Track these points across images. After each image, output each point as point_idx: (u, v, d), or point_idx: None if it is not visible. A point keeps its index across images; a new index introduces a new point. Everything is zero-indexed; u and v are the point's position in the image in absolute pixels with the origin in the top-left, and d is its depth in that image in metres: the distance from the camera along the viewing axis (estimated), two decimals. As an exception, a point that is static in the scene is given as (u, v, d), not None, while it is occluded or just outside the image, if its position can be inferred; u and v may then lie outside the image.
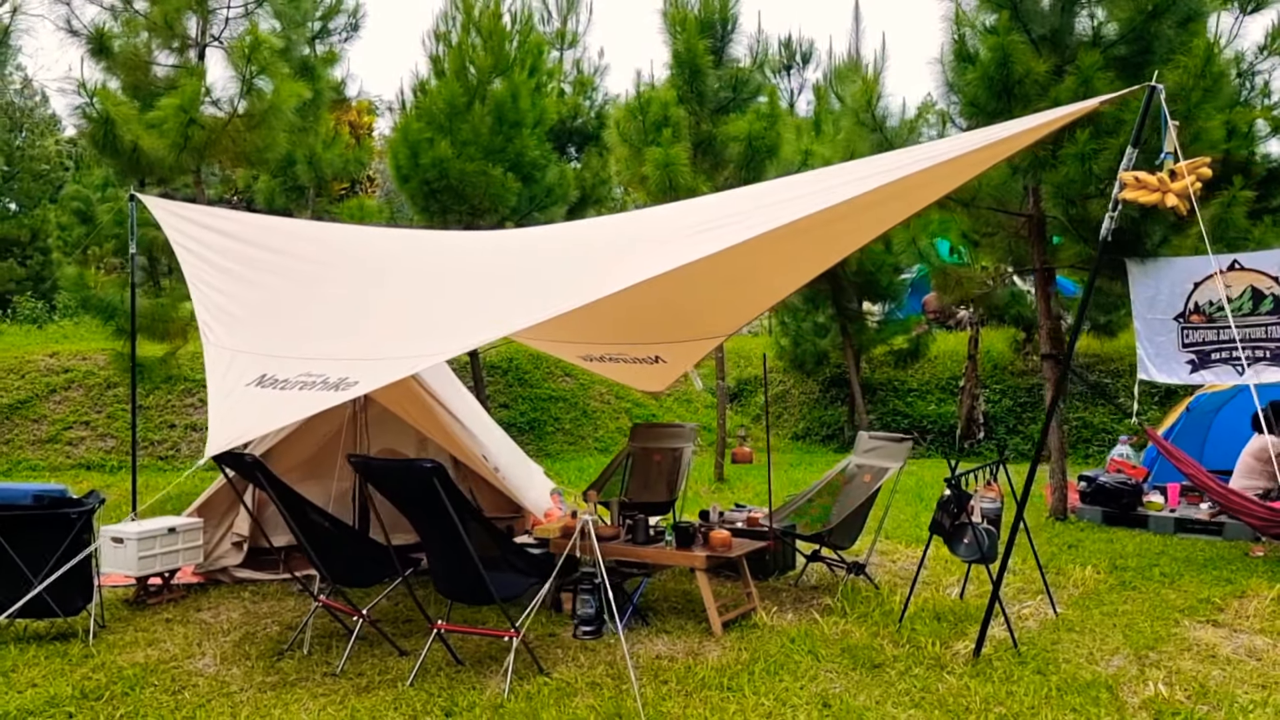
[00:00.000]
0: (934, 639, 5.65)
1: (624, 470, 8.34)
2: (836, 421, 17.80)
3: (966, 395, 16.59)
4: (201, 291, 6.53)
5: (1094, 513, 9.19)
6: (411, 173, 12.84)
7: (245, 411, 5.29)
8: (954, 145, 5.16)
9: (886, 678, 5.08)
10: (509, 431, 15.36)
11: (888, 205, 5.88)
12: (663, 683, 5.01)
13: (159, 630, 6.03)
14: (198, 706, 4.76)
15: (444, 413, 7.55)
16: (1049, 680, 5.01)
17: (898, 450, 6.81)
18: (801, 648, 5.53)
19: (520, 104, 13.17)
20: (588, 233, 7.04)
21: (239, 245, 6.91)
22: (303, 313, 6.29)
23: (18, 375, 14.83)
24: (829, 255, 6.52)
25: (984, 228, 9.07)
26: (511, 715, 4.58)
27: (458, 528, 4.54)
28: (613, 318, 7.76)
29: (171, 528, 6.78)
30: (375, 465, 4.91)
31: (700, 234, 5.59)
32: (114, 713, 4.68)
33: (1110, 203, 4.99)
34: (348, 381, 5.00)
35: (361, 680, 5.11)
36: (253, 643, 5.79)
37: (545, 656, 5.39)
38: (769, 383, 19.86)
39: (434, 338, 5.53)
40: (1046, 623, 6.09)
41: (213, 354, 5.90)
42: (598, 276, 5.49)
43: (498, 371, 16.42)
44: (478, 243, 7.67)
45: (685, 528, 6.16)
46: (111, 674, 5.18)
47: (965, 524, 5.73)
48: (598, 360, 8.38)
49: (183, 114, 8.95)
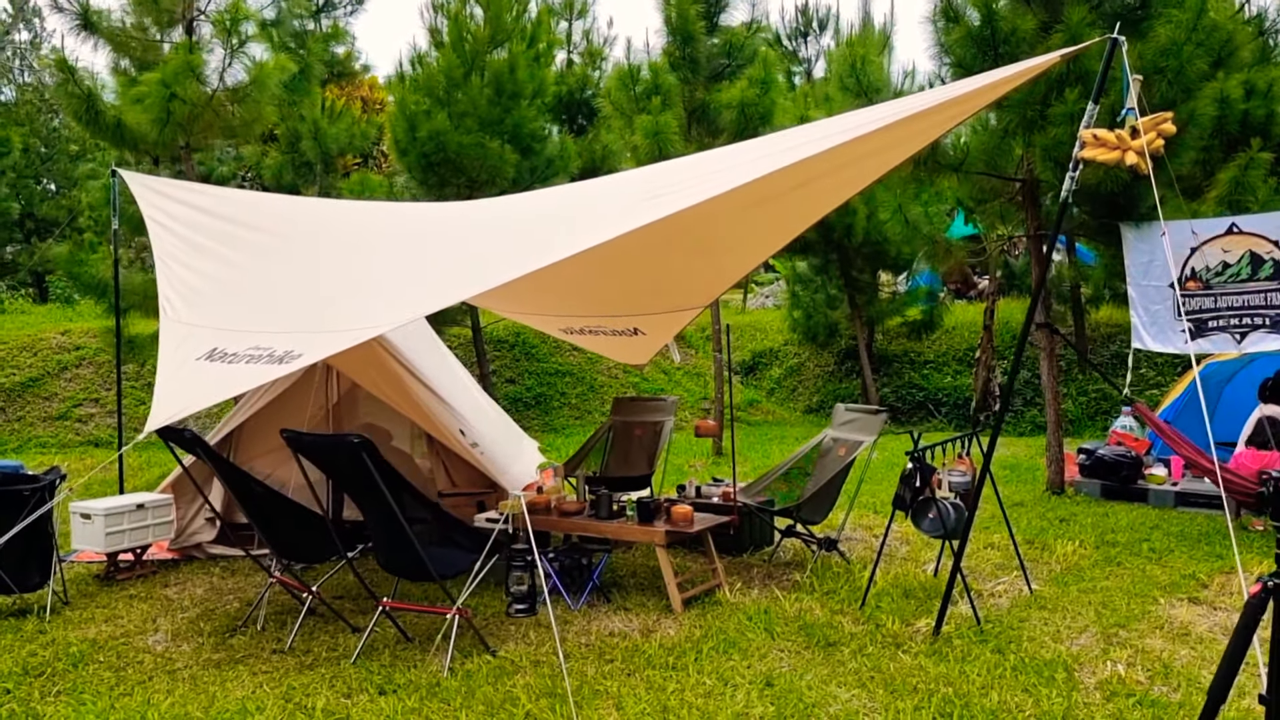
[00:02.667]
0: (897, 617, 5.49)
1: (605, 444, 8.23)
2: (850, 394, 17.54)
3: (982, 367, 16.27)
4: (168, 266, 6.47)
5: (1093, 486, 8.94)
6: (409, 146, 12.73)
7: (189, 386, 5.23)
8: (910, 104, 4.94)
9: (839, 656, 4.94)
10: (514, 406, 15.33)
11: (855, 166, 5.68)
12: (607, 661, 4.90)
13: (120, 606, 6.02)
14: (137, 683, 4.73)
15: (418, 387, 7.47)
16: (1006, 659, 4.84)
17: (872, 423, 6.63)
18: (758, 625, 5.40)
19: (519, 75, 13.00)
20: (544, 202, 6.89)
21: (211, 220, 6.85)
22: (262, 286, 6.22)
23: (30, 353, 15.00)
24: (796, 221, 6.32)
25: (978, 194, 8.79)
26: (446, 693, 4.50)
27: (390, 504, 4.45)
28: (589, 290, 7.64)
29: (140, 504, 6.77)
30: (307, 440, 4.83)
31: (655, 199, 5.43)
32: (51, 689, 4.66)
33: (1070, 163, 4.76)
34: (292, 354, 4.93)
35: (307, 657, 5.06)
36: (210, 619, 5.76)
37: (498, 634, 5.31)
38: (783, 356, 19.67)
39: (383, 308, 5.43)
40: (1019, 600, 5.90)
41: (167, 329, 5.85)
42: (543, 246, 5.34)
43: (504, 346, 16.36)
44: (451, 213, 7.55)
45: (647, 503, 6.03)
46: (59, 650, 5.17)
47: (929, 499, 5.55)
48: (578, 333, 8.25)
49: (164, 88, 8.87)
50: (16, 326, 16.50)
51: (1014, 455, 12.00)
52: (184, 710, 4.37)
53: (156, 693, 4.60)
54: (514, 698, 4.43)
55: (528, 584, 4.96)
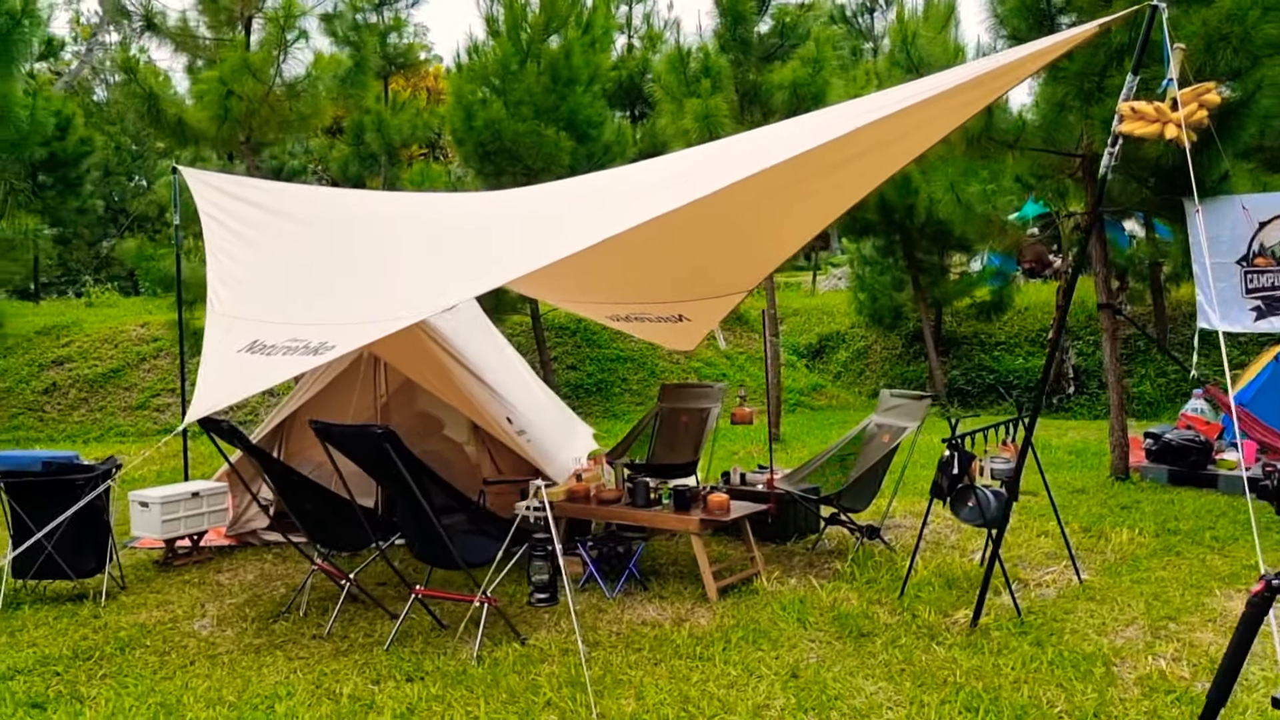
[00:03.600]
0: (935, 608, 5.37)
1: (651, 431, 8.21)
2: (918, 378, 17.23)
3: (1055, 348, 15.82)
4: (218, 259, 6.62)
5: (1159, 472, 8.62)
6: (466, 135, 12.82)
7: (229, 378, 5.36)
8: (943, 79, 4.79)
9: (870, 648, 4.84)
10: (575, 393, 15.40)
11: (894, 145, 5.53)
12: (635, 650, 4.89)
13: (172, 592, 6.21)
14: (179, 668, 4.86)
15: (465, 375, 7.53)
16: (1044, 652, 4.69)
17: (916, 409, 6.48)
18: (791, 615, 5.33)
19: (574, 61, 12.99)
20: (577, 189, 6.86)
21: (260, 213, 7.00)
22: (302, 278, 6.33)
23: (111, 345, 15.56)
24: (835, 203, 6.18)
25: (1037, 170, 8.50)
26: (471, 681, 4.54)
27: (414, 493, 4.49)
28: (632, 276, 7.61)
29: (195, 492, 6.97)
30: (335, 431, 4.90)
31: (685, 183, 5.37)
32: (97, 672, 4.82)
33: (1109, 138, 4.56)
34: (326, 345, 5.01)
35: (343, 643, 5.15)
36: (256, 604, 5.90)
37: (531, 622, 5.34)
38: (850, 339, 19.39)
39: (415, 298, 5.48)
40: (1067, 590, 5.72)
41: (213, 321, 6.01)
42: (573, 233, 5.32)
43: (565, 333, 16.43)
44: (489, 202, 7.59)
45: (683, 491, 5.99)
46: (109, 634, 5.34)
47: (969, 486, 5.40)
48: (623, 320, 8.24)
49: (221, 86, 9.08)
50: (100, 319, 17.11)
51: (1082, 440, 11.65)
52: (218, 694, 4.49)
53: (195, 677, 4.73)
54: (537, 686, 4.44)
55: (549, 573, 4.97)
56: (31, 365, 15.26)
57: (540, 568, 4.97)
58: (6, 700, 4.46)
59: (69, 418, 14.41)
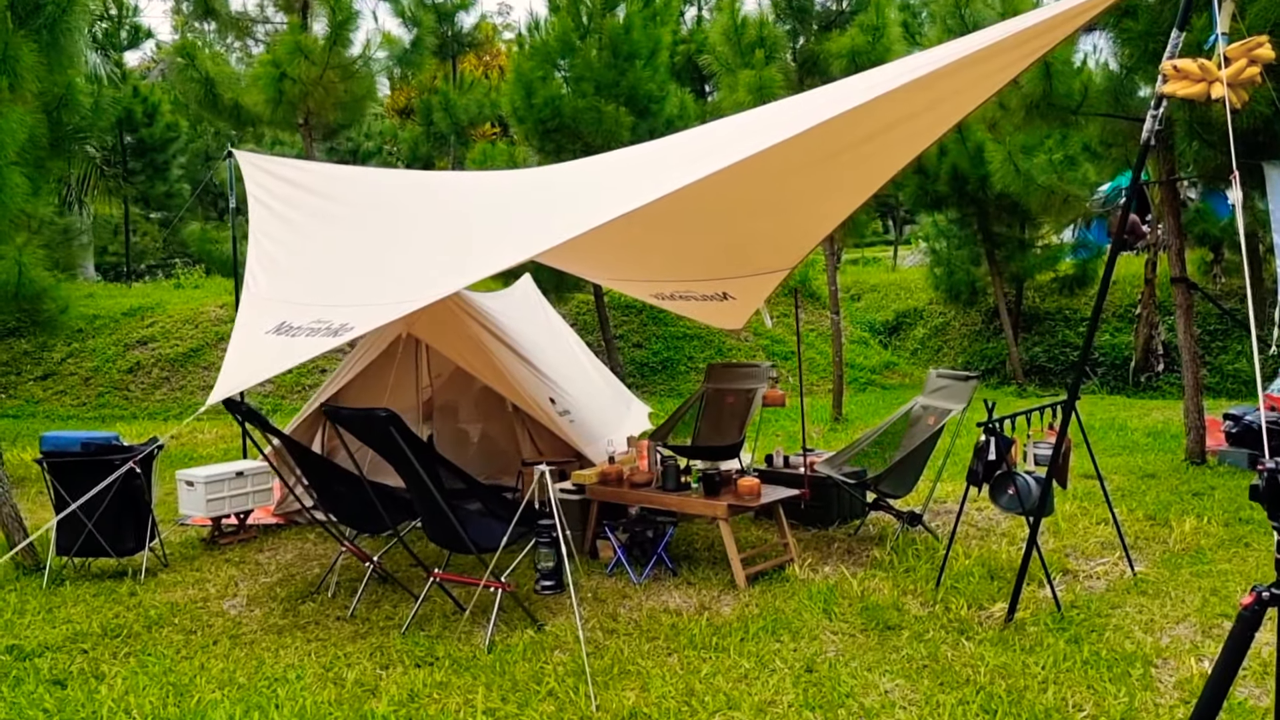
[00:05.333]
0: (972, 600, 5.12)
1: (696, 412, 8.05)
2: (997, 355, 16.66)
3: (1144, 324, 15.10)
4: (258, 241, 6.67)
5: (1239, 456, 8.12)
6: (526, 113, 12.76)
7: (253, 359, 5.39)
8: (975, 40, 4.50)
9: (894, 642, 4.63)
10: (640, 371, 15.30)
11: (929, 113, 5.24)
12: (650, 639, 4.77)
13: (210, 570, 6.31)
14: (201, 647, 4.92)
15: (507, 355, 7.48)
16: (1080, 651, 4.42)
17: (963, 390, 6.19)
18: (817, 605, 5.13)
19: (634, 35, 12.79)
20: (612, 162, 6.69)
21: (304, 195, 7.02)
22: (332, 259, 6.33)
23: (192, 325, 16.02)
24: (873, 175, 5.90)
25: (1106, 137, 8.01)
26: (477, 668, 4.48)
27: (422, 476, 4.44)
28: (672, 254, 7.45)
29: (240, 471, 7.08)
30: (344, 414, 4.87)
31: (708, 155, 5.17)
32: (122, 650, 4.90)
33: (1152, 100, 4.23)
34: (346, 327, 4.99)
35: (364, 626, 5.14)
36: (288, 584, 5.96)
37: (553, 608, 5.26)
38: (927, 316, 18.85)
39: (437, 277, 5.42)
40: (1117, 583, 5.40)
41: (246, 303, 6.06)
42: (592, 208, 5.17)
43: (632, 311, 16.32)
44: (531, 178, 7.48)
45: (712, 475, 5.83)
46: (141, 613, 5.44)
47: (1009, 472, 5.12)
48: (668, 298, 8.08)
49: (274, 69, 9.16)
50: (183, 300, 17.63)
51: (1164, 421, 11.08)
52: (231, 676, 4.51)
53: (214, 657, 4.76)
54: (542, 675, 4.35)
55: (554, 560, 4.87)
56: (118, 345, 15.82)
57: (546, 554, 4.88)
58: (31, 677, 4.56)
59: (151, 396, 14.90)
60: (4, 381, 15.50)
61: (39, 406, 14.83)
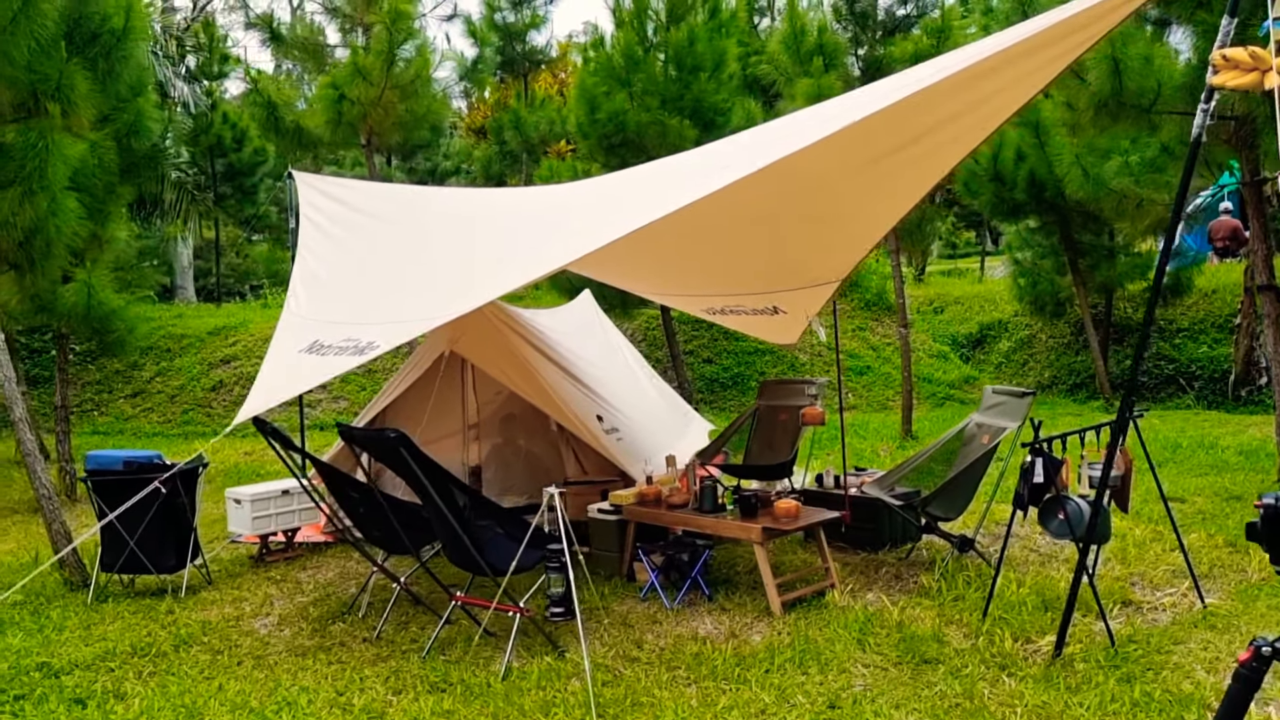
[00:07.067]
0: (1020, 632, 4.79)
1: (749, 429, 7.82)
2: (1088, 368, 15.94)
3: (1244, 334, 14.27)
4: (304, 259, 6.74)
5: (1337, 476, 7.52)
6: (590, 128, 12.73)
7: (283, 377, 5.41)
8: (1021, 30, 4.22)
9: (929, 677, 4.34)
10: (710, 387, 15.08)
11: (969, 114, 4.96)
12: (671, 669, 4.57)
13: (250, 588, 6.32)
14: (225, 668, 4.89)
15: (554, 372, 7.38)
16: (1131, 691, 4.07)
17: (1018, 407, 5.84)
18: (852, 634, 4.87)
19: (698, 48, 12.65)
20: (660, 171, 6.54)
21: (349, 212, 7.08)
22: (372, 276, 6.33)
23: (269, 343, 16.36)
24: (919, 180, 5.61)
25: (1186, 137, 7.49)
26: (489, 696, 4.34)
27: (434, 496, 4.34)
28: (718, 267, 7.27)
29: (286, 490, 7.11)
30: (358, 435, 4.80)
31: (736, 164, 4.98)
32: (147, 669, 4.91)
33: (1203, 93, 3.90)
34: (372, 345, 4.96)
35: (386, 649, 5.06)
36: (322, 604, 5.92)
37: (586, 630, 5.08)
38: (1013, 328, 18.20)
39: (464, 292, 5.34)
40: (1184, 616, 5.00)
41: (284, 322, 6.11)
42: (630, 216, 5.02)
43: (701, 325, 16.11)
44: (577, 191, 7.38)
45: (748, 497, 5.61)
46: (173, 632, 5.45)
47: (1059, 496, 4.78)
48: (719, 313, 7.88)
49: (333, 91, 9.28)
50: (266, 320, 18.05)
51: (1260, 438, 10.39)
52: (245, 699, 4.46)
53: (234, 678, 4.73)
54: (552, 705, 4.20)
55: (564, 585, 4.70)
56: (202, 364, 16.28)
57: (556, 580, 4.72)
58: (54, 695, 4.59)
59: (232, 413, 15.25)
60: (97, 399, 16.08)
61: (128, 424, 15.33)
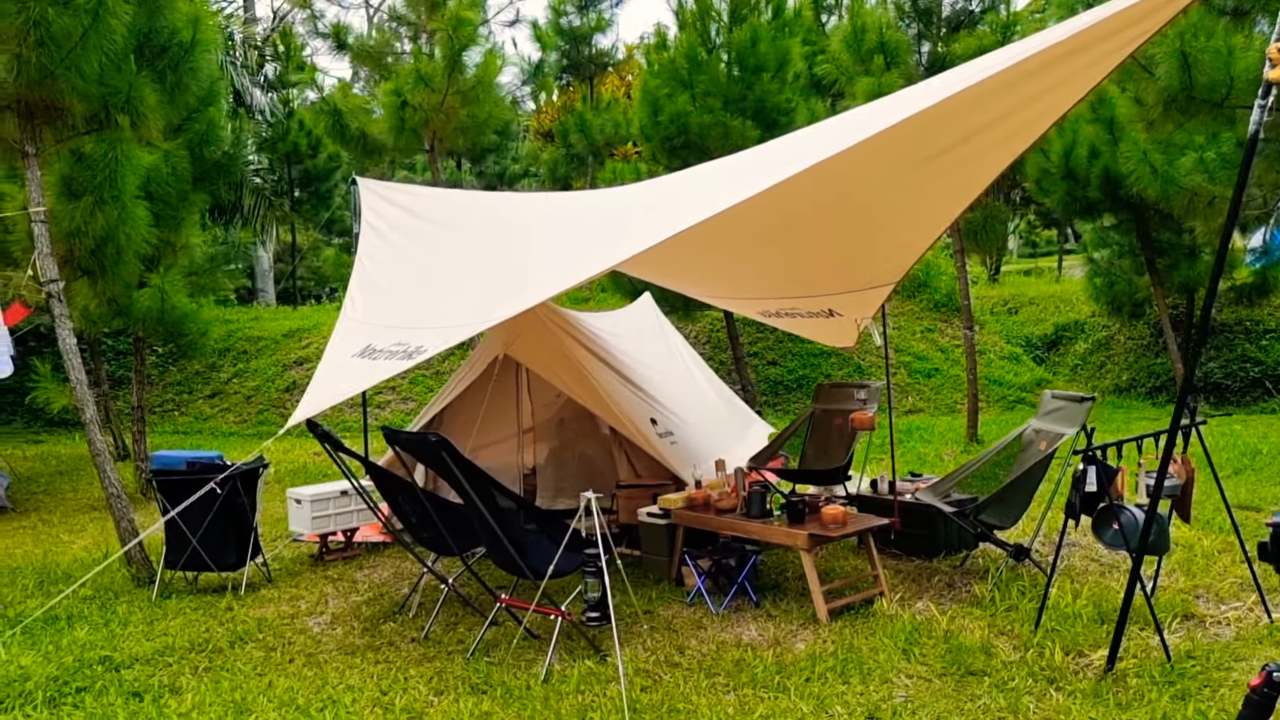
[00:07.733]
0: (1073, 644, 4.65)
1: (804, 434, 7.74)
2: (1168, 371, 15.43)
3: (1335, 336, 13.68)
4: (362, 263, 6.87)
5: None
6: (652, 130, 12.72)
7: (335, 381, 5.51)
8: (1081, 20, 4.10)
9: (973, 689, 4.25)
10: (774, 389, 14.96)
11: (1021, 112, 4.84)
12: (710, 676, 4.55)
13: (307, 587, 6.46)
14: (276, 665, 5.01)
15: (608, 375, 7.41)
16: (1184, 708, 3.93)
17: (1077, 412, 5.66)
18: (897, 644, 4.78)
19: (760, 48, 12.55)
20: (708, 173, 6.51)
21: (409, 218, 7.18)
22: (427, 281, 6.43)
23: (340, 347, 16.71)
24: (973, 178, 5.49)
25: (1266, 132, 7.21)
26: (528, 698, 4.37)
27: (474, 498, 4.38)
28: (771, 269, 7.22)
29: (344, 490, 7.25)
30: (402, 438, 4.87)
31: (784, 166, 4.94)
32: (203, 665, 5.05)
33: (1260, 88, 3.75)
34: (420, 349, 5.03)
35: (434, 649, 5.12)
36: (376, 603, 6.03)
37: (625, 635, 5.09)
38: (1089, 330, 17.71)
39: (512, 294, 5.39)
40: (1249, 631, 4.80)
41: (341, 326, 6.23)
42: (674, 218, 5.01)
43: (766, 328, 15.98)
44: (632, 194, 7.39)
45: (795, 502, 5.55)
46: (230, 629, 5.60)
47: (1114, 505, 4.63)
48: (775, 315, 7.82)
49: (395, 97, 9.43)
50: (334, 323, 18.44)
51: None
52: (293, 696, 4.56)
53: (284, 675, 4.84)
54: (588, 709, 4.21)
55: (600, 590, 4.69)
56: (276, 365, 16.71)
57: (593, 584, 4.71)
58: (113, 689, 4.75)
59: (304, 414, 15.62)
60: (178, 400, 16.61)
61: (206, 423, 15.81)
